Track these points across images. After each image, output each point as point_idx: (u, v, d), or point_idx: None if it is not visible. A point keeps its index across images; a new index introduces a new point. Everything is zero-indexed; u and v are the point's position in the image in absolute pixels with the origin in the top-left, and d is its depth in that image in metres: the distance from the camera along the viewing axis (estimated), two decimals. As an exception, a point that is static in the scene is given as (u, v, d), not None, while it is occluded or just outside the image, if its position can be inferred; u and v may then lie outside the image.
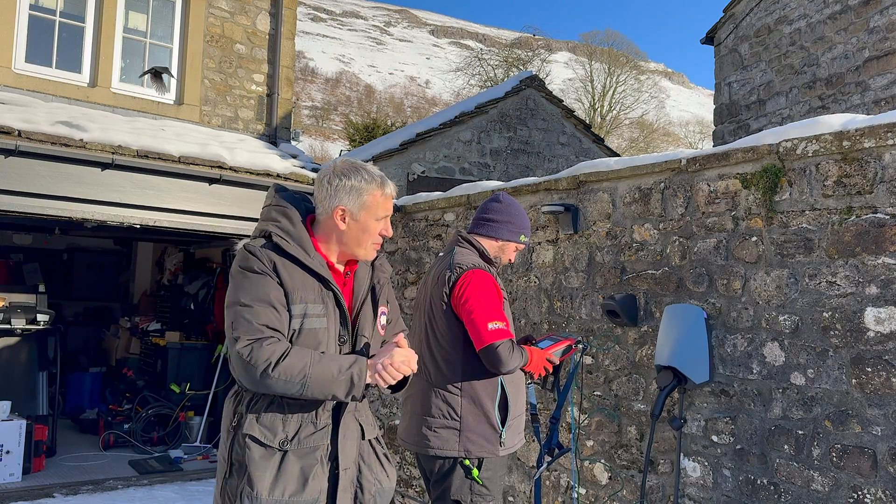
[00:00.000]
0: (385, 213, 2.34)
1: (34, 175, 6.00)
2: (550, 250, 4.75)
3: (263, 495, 2.13)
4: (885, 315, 3.01)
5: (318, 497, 2.19)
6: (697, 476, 3.72)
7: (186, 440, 7.72)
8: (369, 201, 2.30)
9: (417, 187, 10.01)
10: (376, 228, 2.33)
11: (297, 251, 2.23)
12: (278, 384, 2.08)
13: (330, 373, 2.10)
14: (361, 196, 2.29)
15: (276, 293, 2.17)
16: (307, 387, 2.08)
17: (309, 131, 54.13)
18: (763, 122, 8.97)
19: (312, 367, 2.09)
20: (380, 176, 2.34)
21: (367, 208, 2.30)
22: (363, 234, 2.31)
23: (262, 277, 2.18)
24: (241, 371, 2.11)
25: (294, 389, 2.09)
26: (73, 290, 10.44)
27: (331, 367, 2.11)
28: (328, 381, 2.10)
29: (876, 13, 7.64)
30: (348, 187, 2.29)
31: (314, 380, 2.08)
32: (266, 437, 2.18)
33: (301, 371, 2.07)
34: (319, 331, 2.22)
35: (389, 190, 2.35)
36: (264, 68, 8.28)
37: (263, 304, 2.15)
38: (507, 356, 2.86)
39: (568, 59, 56.76)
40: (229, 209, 6.93)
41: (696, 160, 3.81)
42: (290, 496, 2.15)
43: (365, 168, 2.34)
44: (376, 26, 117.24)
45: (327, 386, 2.10)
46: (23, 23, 6.97)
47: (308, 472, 2.18)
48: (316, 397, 2.13)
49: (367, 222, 2.31)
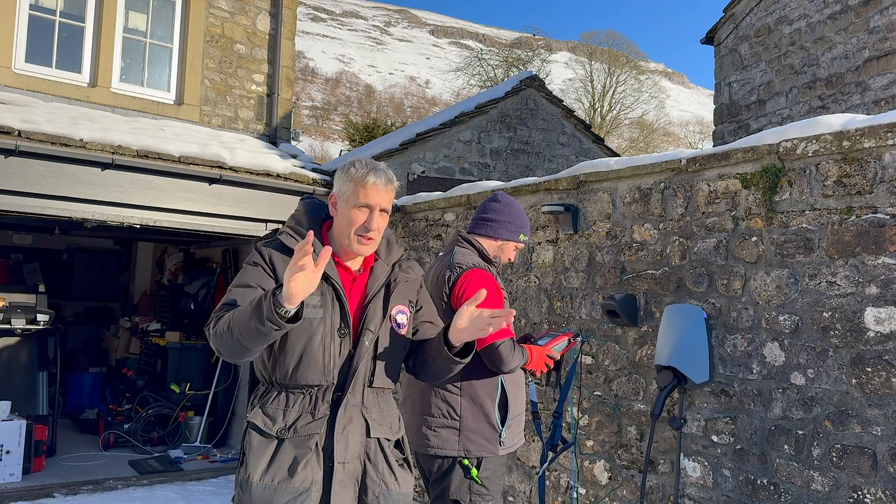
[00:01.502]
0: (364, 200, 2.30)
1: (34, 175, 6.00)
2: (550, 250, 4.75)
3: (254, 480, 2.18)
4: (885, 315, 3.01)
5: (309, 486, 2.18)
6: (697, 476, 3.72)
7: (186, 440, 7.71)
8: (350, 187, 2.32)
9: (417, 187, 10.00)
10: (357, 218, 2.30)
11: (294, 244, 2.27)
12: (220, 340, 2.12)
13: (245, 309, 2.07)
14: (346, 182, 2.33)
15: (259, 280, 2.26)
16: (234, 333, 2.06)
17: (309, 131, 54.10)
18: (763, 122, 8.97)
19: (236, 314, 2.10)
20: (371, 165, 2.34)
21: (346, 194, 2.32)
22: (346, 224, 2.32)
23: (254, 268, 2.30)
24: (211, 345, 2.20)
25: (231, 342, 2.09)
26: (73, 290, 10.44)
27: (246, 308, 2.07)
28: (245, 317, 2.03)
29: (876, 13, 7.64)
30: (340, 177, 2.36)
31: (236, 323, 2.05)
32: (266, 424, 2.23)
33: (227, 321, 2.10)
34: (314, 321, 2.24)
35: (373, 179, 2.30)
36: (264, 68, 8.28)
37: (241, 287, 2.25)
38: (508, 355, 2.87)
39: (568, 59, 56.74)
40: (229, 209, 6.94)
41: (696, 160, 3.81)
42: (278, 482, 2.17)
43: (364, 161, 2.37)
44: (376, 26, 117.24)
45: (245, 321, 2.03)
46: (23, 23, 6.97)
47: (300, 461, 2.19)
48: (248, 340, 2.05)
49: (347, 210, 2.31)
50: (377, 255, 2.45)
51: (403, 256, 2.51)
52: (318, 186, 7.20)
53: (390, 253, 2.48)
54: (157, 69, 7.77)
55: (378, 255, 2.45)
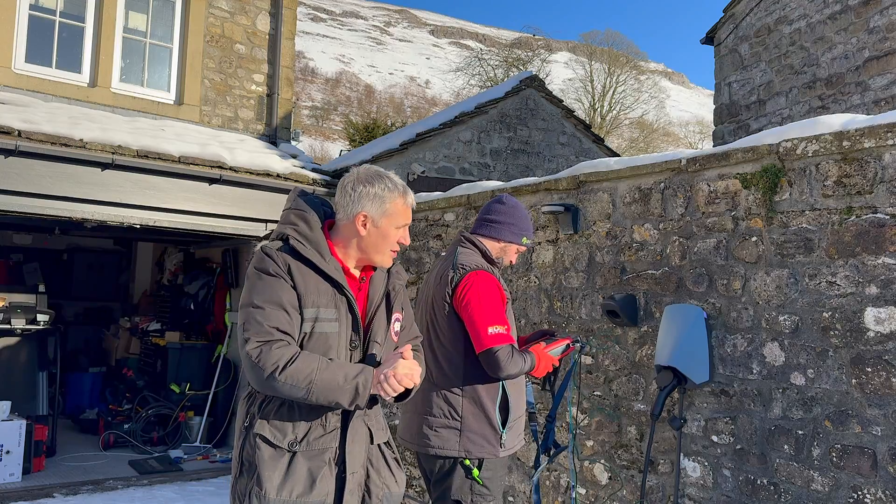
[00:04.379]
0: (405, 221, 2.38)
1: (34, 175, 6.00)
2: (550, 250, 4.75)
3: (272, 495, 2.15)
4: (885, 315, 3.01)
5: (325, 499, 2.20)
6: (697, 476, 3.72)
7: (186, 440, 7.71)
8: (391, 209, 2.33)
9: (417, 187, 10.00)
10: (395, 236, 2.36)
11: (312, 255, 2.25)
12: (284, 388, 2.10)
13: (335, 381, 2.11)
14: (384, 203, 2.32)
15: (288, 296, 2.19)
16: (312, 393, 2.10)
17: (309, 131, 54.08)
18: (763, 122, 8.97)
19: (319, 373, 2.10)
20: (402, 185, 2.38)
21: (388, 216, 2.33)
22: (382, 241, 2.34)
23: (276, 280, 2.20)
24: (250, 372, 2.14)
25: (299, 394, 2.11)
26: (73, 290, 10.43)
27: (337, 375, 2.12)
28: (333, 388, 2.11)
29: (876, 13, 7.64)
30: (371, 194, 2.32)
31: (319, 386, 2.10)
32: (276, 437, 2.20)
33: (307, 377, 2.09)
34: (330, 335, 2.23)
35: (411, 199, 2.40)
36: (264, 68, 8.28)
37: (275, 306, 2.17)
38: (505, 362, 2.86)
39: (568, 59, 56.70)
40: (229, 209, 6.94)
41: (696, 160, 3.81)
42: (297, 497, 2.17)
43: (388, 176, 2.37)
44: (376, 26, 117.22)
45: (332, 393, 2.11)
46: (23, 23, 6.97)
47: (316, 474, 2.19)
48: (320, 403, 2.14)
49: (388, 230, 2.34)
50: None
51: (394, 261, 2.53)
52: (319, 186, 7.19)
53: None
54: (157, 69, 7.77)
55: None
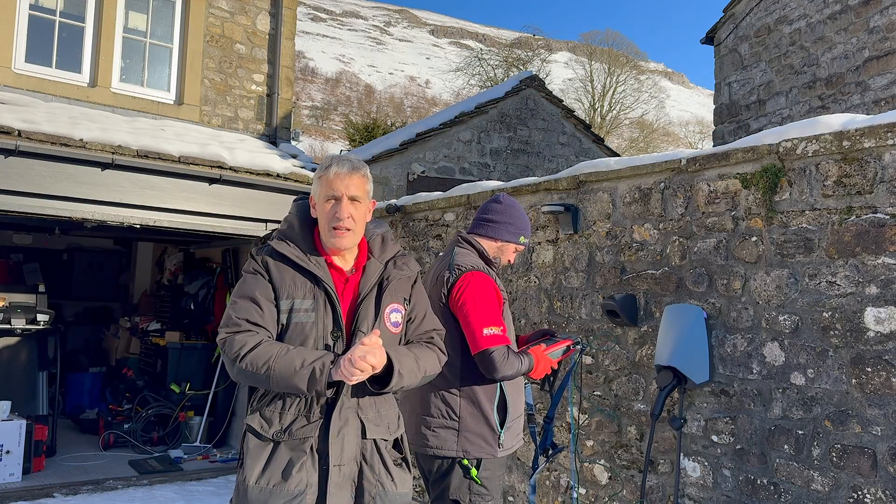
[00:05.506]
0: (329, 192, 2.32)
1: (34, 175, 6.00)
2: (550, 250, 4.75)
3: (251, 482, 2.21)
4: (885, 315, 3.01)
5: (304, 489, 2.20)
6: (697, 476, 3.72)
7: (186, 440, 7.71)
8: (319, 185, 2.36)
9: (417, 187, 10.01)
10: (328, 211, 2.32)
11: (287, 250, 2.30)
12: (247, 374, 2.16)
13: (292, 366, 2.13)
14: (317, 183, 2.37)
15: (262, 290, 2.27)
16: (271, 378, 2.14)
17: (309, 131, 54.09)
18: (763, 122, 8.97)
19: (277, 359, 2.14)
20: (332, 158, 2.39)
21: (319, 193, 2.36)
22: (323, 220, 2.35)
23: (253, 276, 2.31)
24: (225, 361, 2.23)
25: (261, 380, 2.17)
26: (73, 290, 10.44)
27: (294, 361, 2.14)
28: (291, 374, 2.13)
29: (876, 13, 7.64)
30: (315, 179, 2.40)
31: (277, 372, 2.13)
32: (263, 427, 2.26)
33: (265, 363, 2.14)
34: (307, 325, 2.26)
35: (336, 168, 2.33)
36: (264, 68, 8.28)
37: (245, 299, 2.26)
38: (500, 363, 2.85)
39: (568, 59, 56.73)
40: (229, 209, 6.94)
41: (696, 160, 3.81)
42: (273, 485, 2.20)
43: (329, 156, 2.42)
44: (376, 26, 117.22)
45: (290, 378, 2.13)
46: (23, 23, 6.97)
47: (295, 463, 2.21)
48: (282, 390, 2.19)
49: (322, 206, 2.35)
50: (370, 254, 2.42)
51: (399, 253, 2.48)
52: (318, 186, 7.19)
53: (384, 250, 2.45)
54: (157, 69, 7.77)
55: (371, 253, 2.43)
